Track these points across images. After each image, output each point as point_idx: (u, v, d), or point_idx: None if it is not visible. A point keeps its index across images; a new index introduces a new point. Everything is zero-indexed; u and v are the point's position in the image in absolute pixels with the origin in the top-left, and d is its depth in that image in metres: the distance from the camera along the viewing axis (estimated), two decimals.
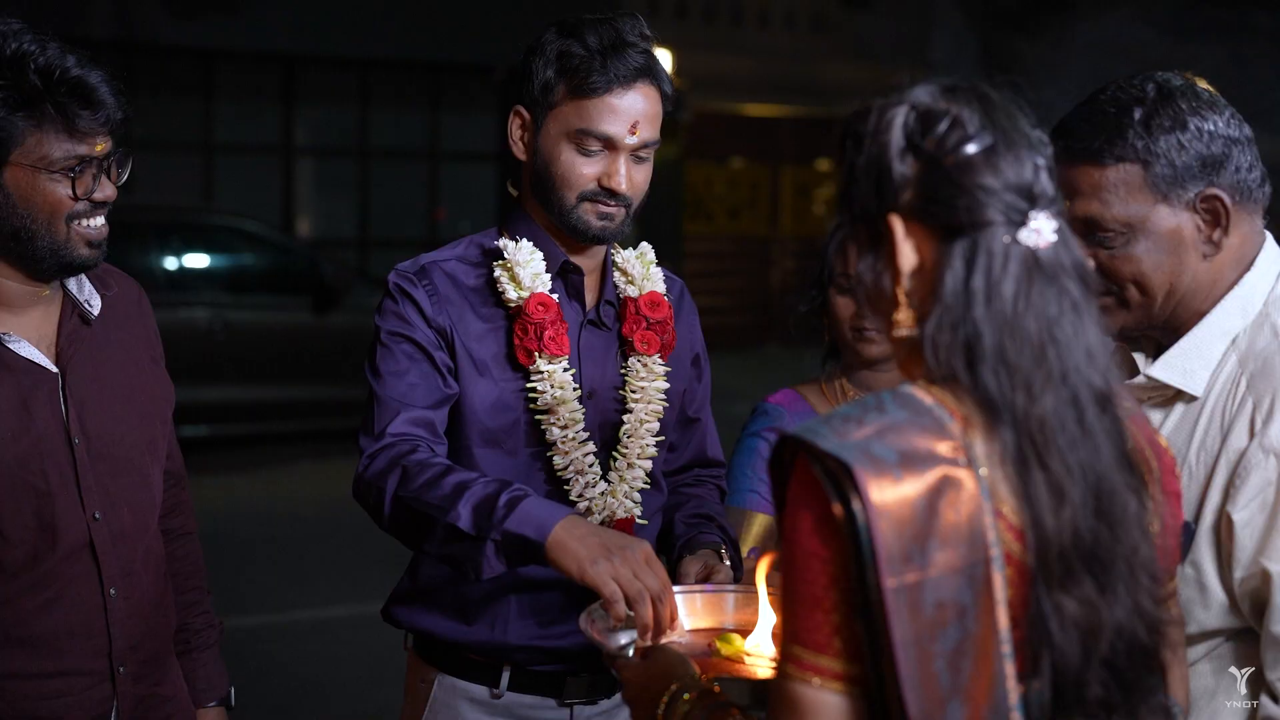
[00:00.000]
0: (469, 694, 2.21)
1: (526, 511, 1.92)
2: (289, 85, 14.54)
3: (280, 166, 14.68)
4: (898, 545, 1.24)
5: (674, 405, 2.31)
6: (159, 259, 9.80)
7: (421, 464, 2.02)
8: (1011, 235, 1.32)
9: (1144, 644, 1.33)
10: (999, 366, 1.30)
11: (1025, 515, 1.29)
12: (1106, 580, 1.31)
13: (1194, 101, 1.85)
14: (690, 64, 15.95)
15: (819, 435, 1.28)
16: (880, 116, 1.37)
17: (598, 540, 1.87)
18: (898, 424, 1.29)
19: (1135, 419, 1.44)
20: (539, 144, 2.17)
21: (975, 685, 1.26)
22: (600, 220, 2.16)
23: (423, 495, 1.99)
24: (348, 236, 14.92)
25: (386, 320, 2.16)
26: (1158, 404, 1.94)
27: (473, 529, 1.94)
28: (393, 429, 2.09)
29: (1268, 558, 1.76)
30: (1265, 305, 1.88)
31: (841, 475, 1.25)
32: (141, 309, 2.30)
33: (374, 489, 2.06)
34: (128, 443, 2.17)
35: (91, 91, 2.01)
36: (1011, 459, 1.29)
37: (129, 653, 2.14)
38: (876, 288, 1.38)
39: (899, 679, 1.23)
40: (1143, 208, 1.84)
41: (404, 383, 2.12)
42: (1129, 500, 1.34)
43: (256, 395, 9.73)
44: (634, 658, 1.64)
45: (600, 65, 2.10)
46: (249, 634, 6.01)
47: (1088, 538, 1.30)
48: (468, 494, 1.96)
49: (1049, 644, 1.28)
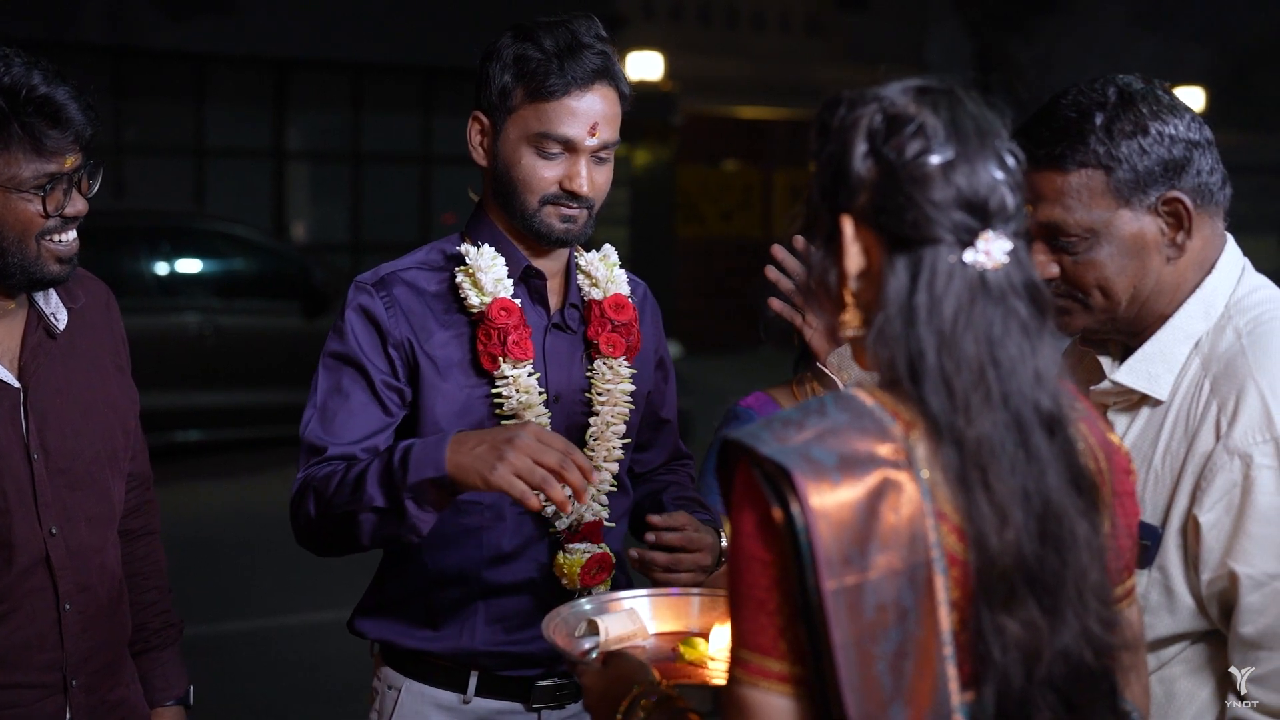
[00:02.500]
0: (437, 700, 2.21)
1: (418, 457, 1.95)
2: (281, 89, 14.53)
3: (272, 171, 14.67)
4: (837, 548, 1.24)
5: (640, 407, 2.31)
6: (149, 263, 9.79)
7: (325, 477, 2.06)
8: (957, 255, 1.31)
9: (1091, 669, 1.33)
10: (940, 385, 1.30)
11: (968, 533, 1.29)
12: (1053, 604, 1.30)
13: (1155, 105, 1.85)
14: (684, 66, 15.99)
15: (759, 440, 1.28)
16: (848, 112, 1.36)
17: (486, 446, 1.91)
18: (838, 427, 1.29)
19: (1086, 420, 1.44)
20: (499, 149, 2.17)
21: (917, 687, 1.26)
22: (563, 223, 2.15)
23: (335, 500, 2.03)
24: (341, 240, 14.92)
25: (334, 339, 2.17)
26: (1123, 408, 1.95)
27: (387, 502, 1.98)
28: (312, 466, 2.13)
29: (1234, 560, 1.77)
30: (1227, 308, 1.89)
31: (780, 479, 1.26)
32: (109, 315, 2.29)
33: (302, 527, 2.12)
34: (87, 457, 2.15)
35: (59, 110, 1.99)
36: (955, 476, 1.29)
37: (81, 665, 2.13)
38: (823, 283, 1.38)
39: (838, 681, 1.24)
40: (1105, 213, 1.84)
41: (336, 420, 2.14)
42: (1078, 524, 1.33)
43: (248, 400, 9.72)
44: (595, 663, 1.64)
45: (557, 68, 2.10)
46: (240, 638, 6.01)
47: (1032, 561, 1.29)
48: (368, 476, 1.99)
49: (990, 663, 1.28)
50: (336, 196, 15.12)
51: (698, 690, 1.60)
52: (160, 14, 13.20)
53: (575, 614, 1.86)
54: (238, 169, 14.40)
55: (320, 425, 2.14)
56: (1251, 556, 1.76)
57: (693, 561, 2.10)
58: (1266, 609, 1.76)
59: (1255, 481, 1.76)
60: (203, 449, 9.62)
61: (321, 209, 15.35)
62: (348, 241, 14.95)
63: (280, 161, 14.74)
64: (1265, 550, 1.76)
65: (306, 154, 15.21)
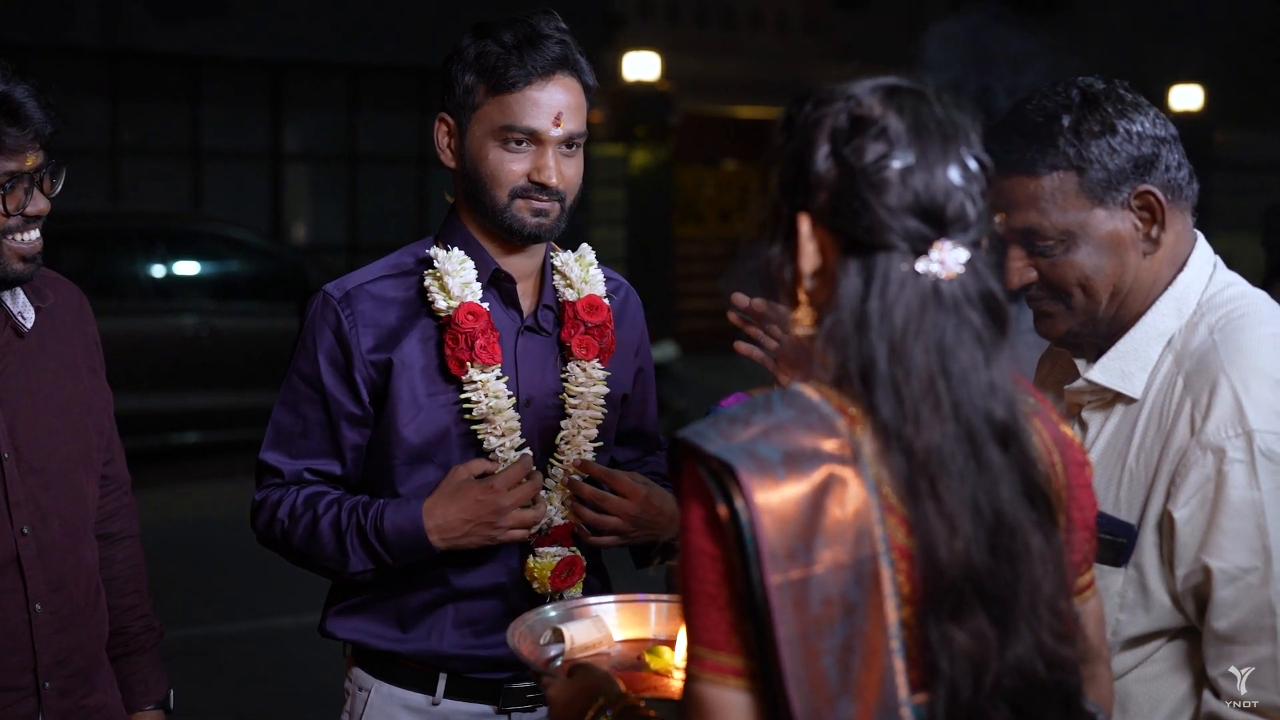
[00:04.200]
0: (406, 702, 2.20)
1: (399, 543, 2.10)
2: (277, 91, 14.53)
3: (269, 172, 14.67)
4: (781, 543, 1.24)
5: (615, 409, 2.30)
6: (146, 265, 9.77)
7: (288, 514, 2.16)
8: (910, 264, 1.31)
9: (1043, 681, 1.32)
10: (890, 393, 1.29)
11: (916, 542, 1.28)
12: (1003, 616, 1.30)
13: (1119, 104, 1.86)
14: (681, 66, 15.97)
15: (704, 438, 1.29)
16: (814, 110, 1.35)
17: (473, 524, 2.09)
18: (783, 423, 1.29)
19: (1040, 415, 1.43)
20: (466, 148, 2.17)
21: (865, 682, 1.26)
22: (535, 217, 2.15)
23: (311, 554, 2.17)
24: (337, 242, 14.92)
25: (300, 355, 2.20)
26: (1097, 407, 1.95)
27: (371, 564, 2.14)
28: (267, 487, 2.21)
29: (1208, 554, 1.77)
30: (1199, 305, 1.89)
31: (726, 476, 1.26)
32: (81, 317, 2.28)
33: (270, 546, 2.24)
34: (60, 456, 2.15)
35: (18, 108, 1.99)
36: (904, 484, 1.29)
37: (55, 667, 2.13)
38: (777, 278, 1.38)
39: (783, 675, 1.24)
40: (1080, 214, 1.85)
41: (294, 443, 2.20)
42: (1032, 536, 1.33)
43: (244, 401, 9.71)
44: (560, 673, 1.63)
45: (517, 60, 2.10)
46: (235, 640, 6.01)
47: (982, 572, 1.29)
48: (349, 545, 2.12)
49: (938, 673, 1.28)
50: (333, 198, 15.11)
51: (666, 704, 1.58)
52: (155, 17, 13.18)
53: (540, 622, 1.85)
54: (234, 171, 14.40)
55: (275, 446, 2.21)
56: (1224, 551, 1.76)
57: (615, 517, 2.16)
58: (1240, 603, 1.75)
59: (1228, 476, 1.76)
60: (200, 451, 9.60)
61: (318, 210, 15.35)
62: (344, 242, 14.94)
63: (277, 163, 14.73)
64: (1238, 544, 1.75)
65: (303, 155, 15.20)
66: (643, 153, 15.94)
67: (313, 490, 2.17)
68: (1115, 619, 1.85)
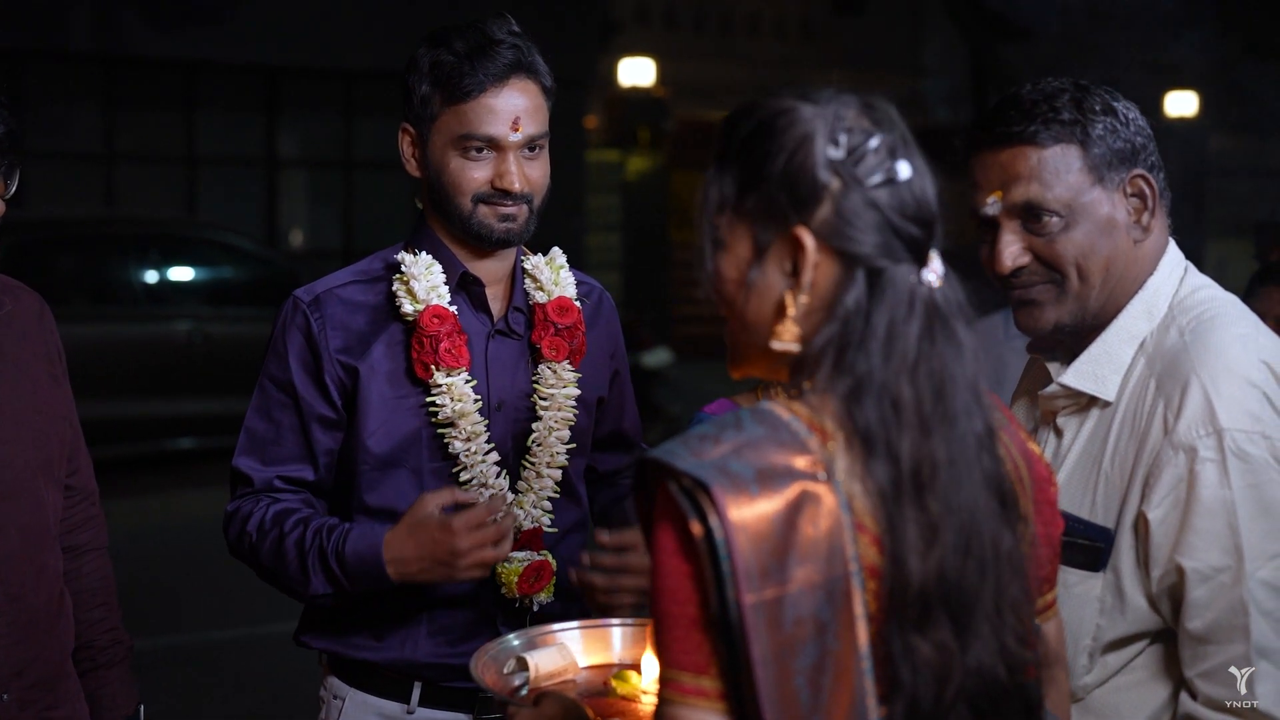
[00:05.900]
0: (382, 710, 2.20)
1: (356, 563, 2.08)
2: (272, 97, 14.53)
3: (264, 178, 14.67)
4: (756, 561, 1.22)
5: (590, 412, 2.29)
6: (140, 271, 9.78)
7: (256, 528, 2.15)
8: (916, 275, 1.31)
9: (1005, 685, 1.31)
10: (886, 404, 1.28)
11: (886, 548, 1.27)
12: (968, 621, 1.29)
13: (1111, 95, 1.89)
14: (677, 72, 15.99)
15: (675, 456, 1.27)
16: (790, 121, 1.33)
17: (415, 554, 2.04)
18: (755, 440, 1.27)
19: (1007, 430, 1.43)
20: (428, 157, 2.17)
21: (835, 703, 1.24)
22: (502, 222, 2.14)
23: (277, 573, 2.15)
24: (333, 247, 14.91)
25: (272, 360, 2.20)
26: (1072, 412, 1.94)
27: (331, 588, 2.11)
28: (240, 497, 2.21)
29: (1181, 554, 1.76)
30: (1170, 308, 1.89)
31: (699, 494, 1.24)
32: (42, 324, 2.25)
33: (241, 559, 2.22)
34: (18, 464, 2.12)
35: None
36: (885, 493, 1.28)
37: (14, 679, 2.10)
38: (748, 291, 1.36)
39: (758, 696, 1.22)
40: (1082, 189, 1.85)
41: (266, 450, 2.19)
42: (1003, 537, 1.32)
43: (238, 407, 9.62)
44: (526, 703, 1.60)
45: (470, 68, 2.10)
46: (229, 647, 5.99)
47: (952, 578, 1.28)
48: (310, 569, 2.10)
49: (899, 683, 1.27)
50: (328, 204, 15.11)
51: None
52: (150, 23, 13.18)
53: (504, 651, 1.83)
54: (229, 177, 14.40)
55: (247, 452, 2.20)
56: (1197, 550, 1.75)
57: (633, 585, 2.08)
58: (1213, 603, 1.75)
59: (1199, 475, 1.75)
60: (194, 456, 9.58)
61: (314, 216, 15.34)
62: (340, 248, 14.94)
63: (272, 169, 14.73)
64: (1210, 544, 1.75)
65: (298, 161, 15.20)
66: (639, 158, 15.96)
67: (282, 507, 2.16)
68: (1095, 624, 1.84)
